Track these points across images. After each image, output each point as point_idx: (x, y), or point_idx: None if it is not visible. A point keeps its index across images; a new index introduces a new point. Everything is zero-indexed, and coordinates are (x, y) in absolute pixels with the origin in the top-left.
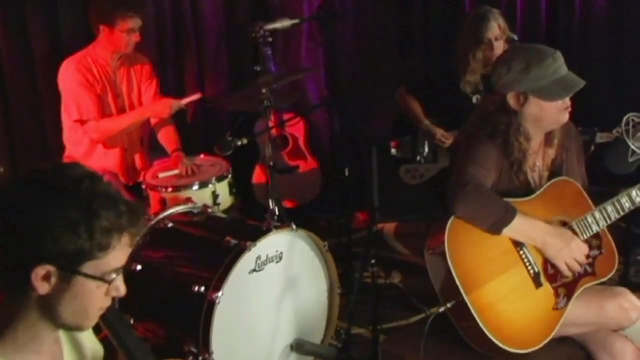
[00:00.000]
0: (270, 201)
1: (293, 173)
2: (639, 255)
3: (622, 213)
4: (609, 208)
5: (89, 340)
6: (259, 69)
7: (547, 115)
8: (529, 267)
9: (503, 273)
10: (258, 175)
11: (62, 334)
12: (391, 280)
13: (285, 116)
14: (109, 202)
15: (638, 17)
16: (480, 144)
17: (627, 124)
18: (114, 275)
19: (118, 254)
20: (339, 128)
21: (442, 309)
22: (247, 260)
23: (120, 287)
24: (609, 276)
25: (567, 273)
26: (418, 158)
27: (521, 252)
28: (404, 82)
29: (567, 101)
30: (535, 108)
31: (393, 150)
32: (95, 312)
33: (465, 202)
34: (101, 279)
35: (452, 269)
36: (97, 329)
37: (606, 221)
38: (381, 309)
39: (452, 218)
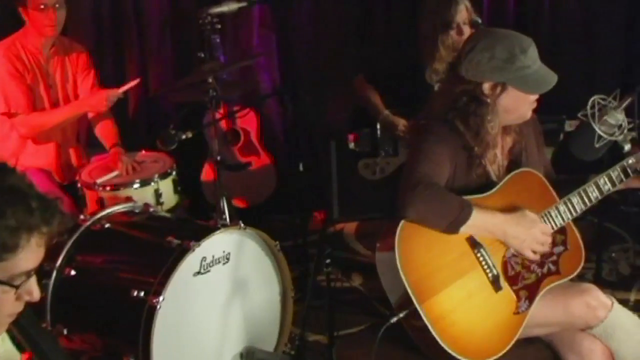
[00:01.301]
0: (219, 200)
1: (245, 170)
2: (613, 253)
3: (589, 204)
4: (575, 199)
5: (2, 346)
6: (203, 55)
7: (519, 107)
8: (487, 270)
9: (459, 278)
10: (207, 173)
11: None
12: (351, 283)
13: (239, 114)
14: (17, 197)
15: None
16: (433, 136)
17: (593, 107)
18: (23, 279)
19: (28, 255)
20: (292, 120)
21: (394, 320)
22: (191, 262)
23: (33, 292)
24: (574, 274)
25: (536, 258)
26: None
27: (479, 255)
28: (363, 70)
29: (536, 95)
30: (510, 100)
31: (351, 144)
32: (4, 319)
33: (416, 206)
34: (8, 283)
35: (403, 276)
36: None
37: (572, 214)
38: (341, 314)
39: (402, 222)
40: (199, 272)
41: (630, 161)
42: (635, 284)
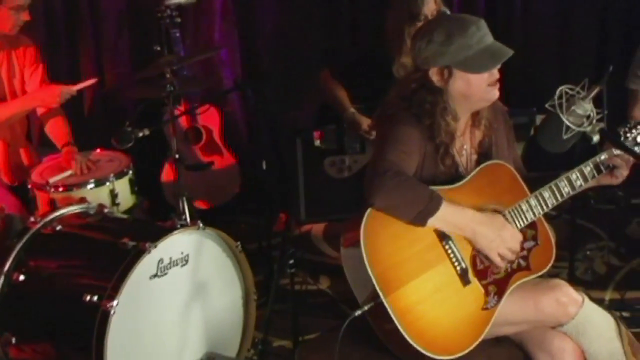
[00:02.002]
0: (179, 200)
1: (207, 170)
2: (589, 251)
3: (560, 199)
4: (546, 194)
5: None
6: (159, 48)
7: (474, 90)
8: (456, 264)
9: (426, 271)
10: (167, 173)
11: None
12: (319, 286)
13: (199, 110)
14: None
15: None
16: (401, 125)
17: (560, 97)
18: None
19: None
20: (255, 116)
21: (358, 313)
22: (147, 264)
23: None
24: (545, 270)
25: (501, 265)
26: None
27: (447, 247)
28: (328, 64)
29: (495, 74)
30: (461, 83)
31: (317, 142)
32: None
33: (385, 192)
34: None
35: (369, 268)
36: None
37: (542, 208)
38: (307, 318)
39: (369, 210)
40: (155, 275)
41: (602, 157)
42: (610, 282)
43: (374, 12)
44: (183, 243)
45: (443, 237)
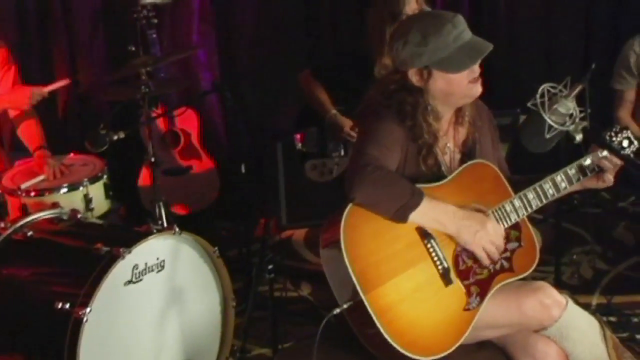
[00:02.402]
0: (155, 204)
1: (186, 175)
2: (575, 255)
3: (544, 201)
4: (530, 195)
5: None
6: (134, 48)
7: (456, 89)
8: (438, 263)
9: (407, 269)
10: (144, 178)
11: None
12: (300, 293)
13: (177, 113)
14: None
15: None
16: (383, 121)
17: (543, 95)
18: None
19: None
20: (233, 118)
21: (337, 311)
22: (121, 270)
23: None
24: (528, 272)
25: (486, 261)
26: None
27: (429, 246)
28: (309, 64)
29: (475, 70)
30: (441, 83)
31: (298, 145)
32: None
33: (365, 186)
34: None
35: (348, 264)
36: None
37: (527, 210)
38: (288, 325)
39: (349, 206)
40: (130, 281)
41: (587, 160)
42: (597, 287)
43: (356, 12)
44: (159, 248)
45: (425, 235)
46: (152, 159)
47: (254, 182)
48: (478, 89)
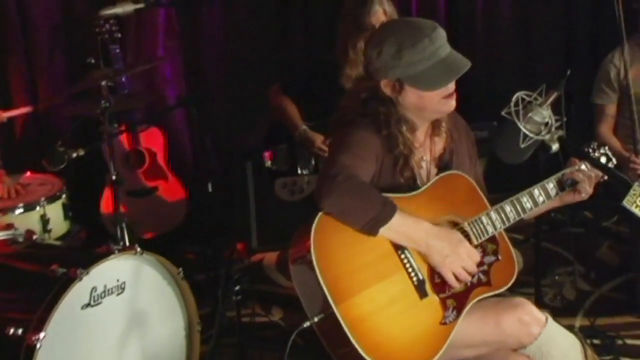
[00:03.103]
0: (117, 225)
1: (151, 196)
2: (557, 275)
3: (522, 214)
4: (507, 208)
5: None
6: (93, 61)
7: (427, 104)
8: (412, 274)
9: (381, 281)
10: (107, 200)
11: None
12: (271, 318)
13: (140, 129)
14: None
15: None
16: (358, 130)
17: (517, 104)
18: None
19: None
20: (200, 135)
21: (307, 324)
22: (78, 293)
23: None
24: (506, 287)
25: (455, 285)
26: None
27: (403, 256)
28: (279, 79)
29: (449, 87)
30: (413, 97)
31: (268, 163)
32: None
33: (336, 195)
34: None
35: (319, 274)
36: None
37: (504, 223)
38: (258, 351)
39: (320, 215)
40: (88, 305)
41: (565, 173)
42: (580, 308)
43: (328, 25)
44: (119, 269)
45: (399, 246)
46: (114, 177)
47: (222, 204)
48: (451, 105)
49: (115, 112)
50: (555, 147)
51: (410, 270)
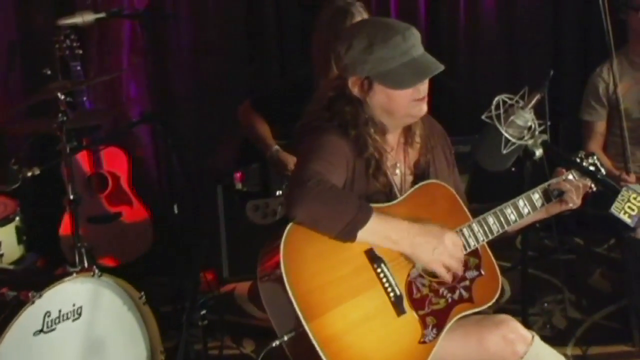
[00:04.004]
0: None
1: (114, 222)
2: (546, 303)
3: (506, 227)
4: (490, 219)
5: None
6: (49, 72)
7: (396, 106)
8: (389, 290)
9: (355, 297)
10: (66, 226)
11: None
12: (242, 350)
13: (103, 151)
14: None
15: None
16: (326, 135)
17: (498, 107)
18: None
19: None
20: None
21: (276, 343)
22: (30, 318)
23: None
24: (489, 304)
25: (448, 278)
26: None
27: (379, 270)
28: (249, 96)
29: (421, 90)
30: (381, 97)
31: (238, 184)
32: None
33: (307, 202)
34: None
35: (289, 289)
36: None
37: (487, 235)
38: None
39: (289, 225)
40: (41, 330)
41: (551, 183)
42: (572, 337)
43: (301, 38)
44: (75, 293)
45: (374, 259)
46: (72, 196)
47: (191, 230)
48: (422, 109)
49: (75, 130)
50: (539, 152)
51: (387, 285)
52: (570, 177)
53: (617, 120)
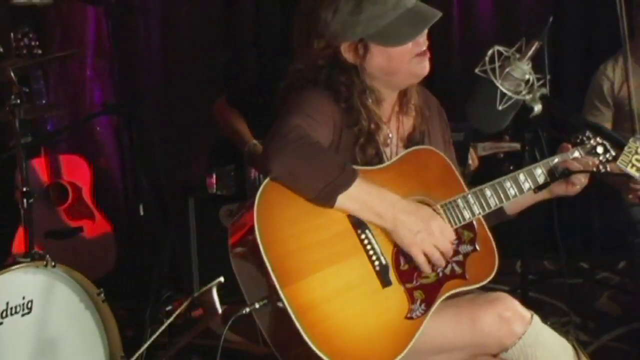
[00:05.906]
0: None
1: (74, 238)
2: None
3: (504, 201)
4: (488, 192)
5: None
6: (1, 50)
7: (397, 65)
8: (374, 258)
9: (336, 263)
10: (19, 242)
11: None
12: None
13: (62, 157)
14: None
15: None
16: (313, 93)
17: (493, 60)
18: None
19: None
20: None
21: (246, 311)
22: None
23: None
24: (484, 282)
25: (426, 268)
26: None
27: (363, 237)
28: (225, 91)
29: (421, 43)
30: (380, 59)
31: (212, 189)
32: None
33: (285, 156)
34: None
35: (262, 251)
36: None
37: (483, 208)
38: None
39: (265, 182)
40: None
41: (555, 160)
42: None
43: (281, 26)
44: (25, 285)
45: (359, 224)
46: (25, 189)
47: (159, 245)
48: (425, 66)
49: (29, 122)
50: (537, 108)
51: (371, 253)
52: (577, 154)
53: (625, 122)
